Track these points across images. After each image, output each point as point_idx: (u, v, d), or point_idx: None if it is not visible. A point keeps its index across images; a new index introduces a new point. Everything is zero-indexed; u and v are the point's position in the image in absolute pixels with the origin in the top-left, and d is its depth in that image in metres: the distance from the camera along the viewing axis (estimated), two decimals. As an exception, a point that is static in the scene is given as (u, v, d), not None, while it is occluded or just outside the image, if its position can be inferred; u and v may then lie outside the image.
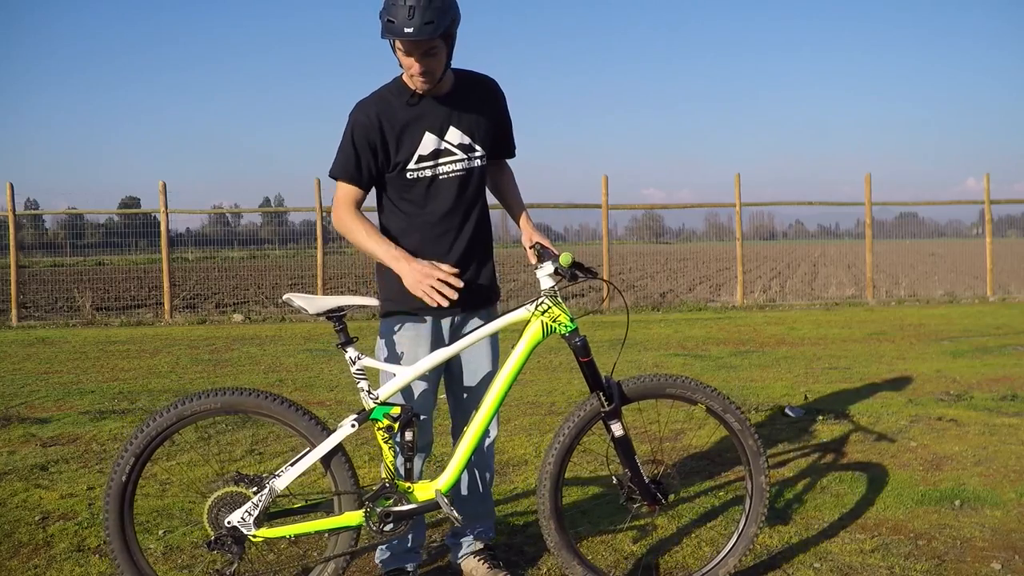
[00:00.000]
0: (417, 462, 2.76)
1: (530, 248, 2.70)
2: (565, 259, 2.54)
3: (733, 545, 2.70)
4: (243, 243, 21.31)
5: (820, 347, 8.53)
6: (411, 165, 2.68)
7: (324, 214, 14.04)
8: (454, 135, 2.71)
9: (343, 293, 15.68)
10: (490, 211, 3.05)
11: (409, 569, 2.86)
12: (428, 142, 2.68)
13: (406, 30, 2.44)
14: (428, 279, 2.57)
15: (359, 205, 2.72)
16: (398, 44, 2.54)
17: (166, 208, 13.40)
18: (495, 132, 2.82)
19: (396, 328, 2.75)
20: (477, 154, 2.75)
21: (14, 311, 12.88)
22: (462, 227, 2.77)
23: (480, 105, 2.78)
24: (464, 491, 2.88)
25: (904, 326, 10.26)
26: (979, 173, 19.78)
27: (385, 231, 2.77)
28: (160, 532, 3.39)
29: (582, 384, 2.64)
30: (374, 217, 2.89)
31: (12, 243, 13.11)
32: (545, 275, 2.59)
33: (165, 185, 13.31)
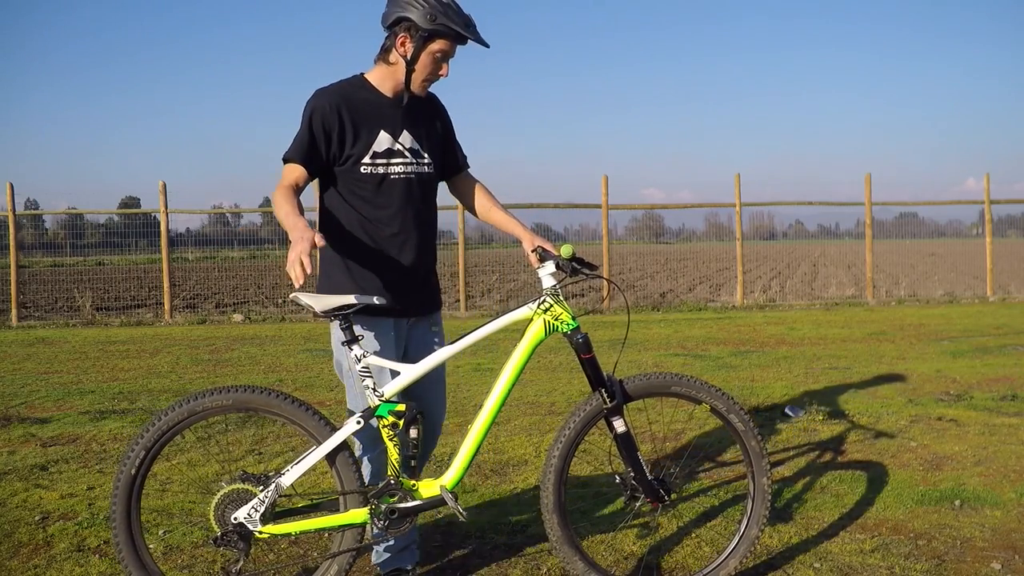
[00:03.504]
0: (423, 458, 2.78)
1: (532, 252, 2.71)
2: (566, 250, 2.54)
3: (734, 547, 2.70)
4: (243, 243, 21.31)
5: (820, 347, 8.53)
6: (365, 159, 2.70)
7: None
8: (406, 138, 2.76)
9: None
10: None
11: (408, 568, 2.86)
12: (383, 140, 2.72)
13: (481, 38, 2.64)
14: (296, 250, 2.32)
15: (299, 189, 2.67)
16: (439, 46, 2.61)
17: (166, 208, 13.40)
18: (442, 145, 2.89)
19: (360, 329, 2.67)
20: (425, 161, 2.80)
21: (14, 311, 12.88)
22: (411, 230, 2.78)
23: (428, 117, 2.85)
24: None
25: (904, 326, 10.27)
26: (979, 173, 19.81)
27: (333, 228, 2.74)
28: (160, 532, 3.39)
29: (582, 384, 2.64)
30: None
31: (12, 243, 13.11)
32: (547, 274, 2.61)
33: (165, 185, 13.31)
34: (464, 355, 7.60)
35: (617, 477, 2.69)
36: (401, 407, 2.54)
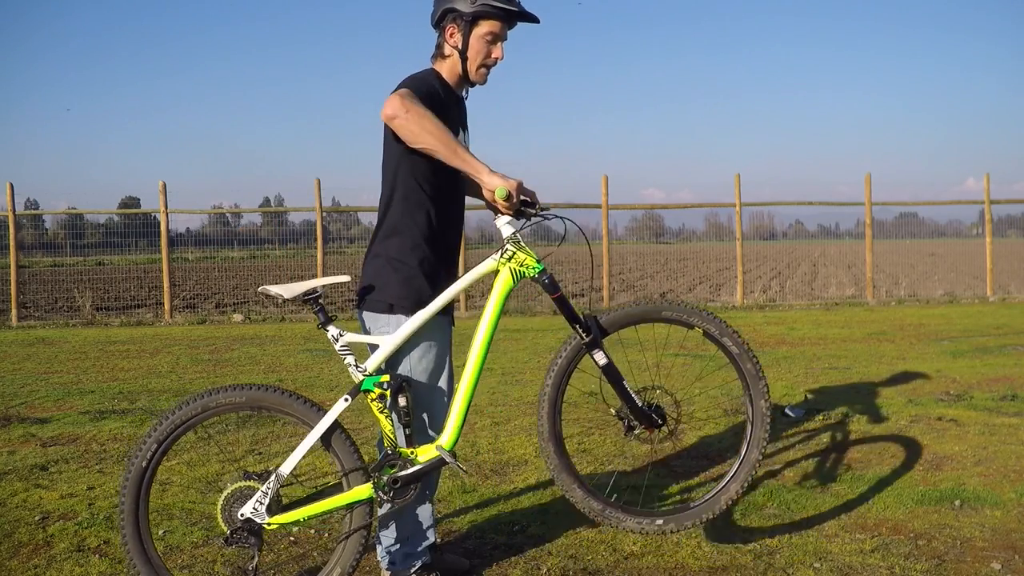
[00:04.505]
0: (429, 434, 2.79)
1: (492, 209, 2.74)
2: (499, 193, 2.48)
3: (735, 471, 2.68)
4: (243, 243, 21.31)
5: (820, 347, 8.53)
6: None
7: (324, 214, 14.03)
8: (462, 138, 2.83)
9: (343, 292, 15.73)
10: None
11: (415, 570, 2.84)
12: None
13: (530, 12, 2.65)
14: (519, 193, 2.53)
15: None
16: (488, 27, 2.64)
17: (166, 208, 13.40)
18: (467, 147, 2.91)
19: (427, 323, 2.68)
20: None
21: (14, 311, 12.88)
22: (458, 224, 2.87)
23: (466, 117, 2.92)
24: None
25: (904, 326, 10.27)
26: (979, 173, 19.80)
27: (409, 211, 2.72)
28: (160, 532, 3.39)
29: (582, 384, 2.66)
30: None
31: (12, 243, 13.10)
32: (504, 223, 2.62)
33: (165, 185, 13.32)
34: (458, 352, 7.58)
35: (613, 412, 2.71)
36: (385, 378, 2.56)
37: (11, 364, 8.31)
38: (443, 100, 2.69)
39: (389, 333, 2.70)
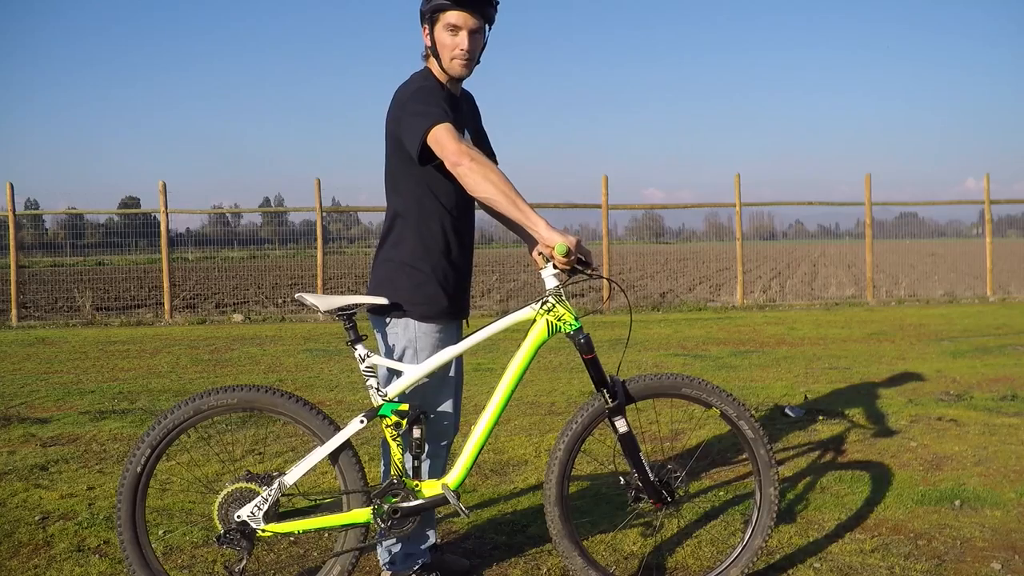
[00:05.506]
0: (441, 458, 2.81)
1: (537, 255, 2.70)
2: (560, 249, 2.45)
3: (737, 555, 2.66)
4: (243, 243, 21.32)
5: (820, 347, 8.53)
6: None
7: (324, 214, 14.03)
8: (466, 138, 2.77)
9: (343, 293, 15.70)
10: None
11: (415, 570, 2.84)
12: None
13: None
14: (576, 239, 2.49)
15: None
16: (446, 20, 2.60)
17: (166, 208, 13.40)
18: (482, 145, 2.90)
19: (430, 332, 2.72)
20: None
21: (14, 311, 12.88)
22: (470, 231, 2.85)
23: (474, 116, 2.90)
24: None
25: (904, 326, 10.27)
26: (979, 173, 19.80)
27: (423, 219, 2.72)
28: (160, 532, 3.39)
29: (583, 384, 2.65)
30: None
31: (12, 243, 13.10)
32: (549, 275, 2.59)
33: (165, 185, 13.31)
34: (464, 355, 7.59)
35: (620, 477, 2.68)
36: (404, 407, 2.55)
37: (11, 364, 8.31)
38: (454, 103, 2.70)
39: (398, 336, 2.71)
